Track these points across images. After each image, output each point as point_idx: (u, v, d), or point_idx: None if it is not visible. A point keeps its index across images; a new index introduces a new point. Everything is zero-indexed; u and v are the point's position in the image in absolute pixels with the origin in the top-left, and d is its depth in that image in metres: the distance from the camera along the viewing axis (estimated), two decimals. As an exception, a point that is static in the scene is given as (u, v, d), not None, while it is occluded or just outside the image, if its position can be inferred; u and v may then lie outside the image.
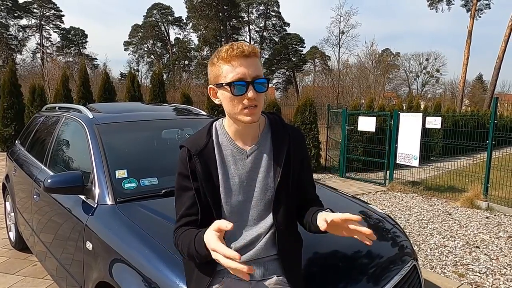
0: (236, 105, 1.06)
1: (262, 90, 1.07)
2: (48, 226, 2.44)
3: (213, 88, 1.11)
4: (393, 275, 1.62)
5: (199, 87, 23.12)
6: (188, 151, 1.13)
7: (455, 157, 7.92)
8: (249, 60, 1.04)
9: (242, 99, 1.05)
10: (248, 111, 1.05)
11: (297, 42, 42.05)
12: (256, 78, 1.05)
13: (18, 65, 28.89)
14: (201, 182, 1.11)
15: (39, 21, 39.21)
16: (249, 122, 1.07)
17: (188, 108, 3.25)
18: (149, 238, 1.55)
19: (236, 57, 1.03)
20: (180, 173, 1.15)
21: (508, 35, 22.06)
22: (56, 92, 8.81)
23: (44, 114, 3.43)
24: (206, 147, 1.13)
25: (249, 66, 1.04)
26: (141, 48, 44.27)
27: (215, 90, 1.11)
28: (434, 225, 4.35)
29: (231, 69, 1.04)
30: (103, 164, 1.99)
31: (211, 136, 1.16)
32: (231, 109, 1.07)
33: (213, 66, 1.08)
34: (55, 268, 2.32)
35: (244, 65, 1.04)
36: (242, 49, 1.03)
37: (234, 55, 1.03)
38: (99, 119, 2.38)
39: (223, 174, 1.13)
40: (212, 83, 1.11)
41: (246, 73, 1.04)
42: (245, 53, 1.03)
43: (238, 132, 1.14)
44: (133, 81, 9.00)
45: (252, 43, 40.63)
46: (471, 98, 38.73)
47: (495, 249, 3.63)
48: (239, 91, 1.04)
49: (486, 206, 5.19)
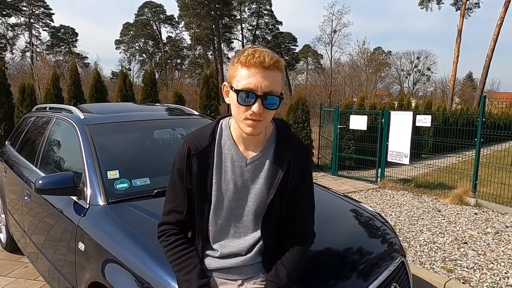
0: (241, 113, 1.01)
1: (271, 108, 1.01)
2: (39, 227, 2.43)
3: (226, 86, 1.07)
4: (381, 271, 1.66)
5: (192, 86, 23.05)
6: (188, 148, 1.11)
7: (445, 154, 8.04)
8: (267, 72, 0.98)
9: (247, 110, 1.00)
10: (251, 123, 1.01)
11: (290, 41, 42.17)
12: (269, 93, 0.98)
13: (7, 64, 28.42)
14: (194, 182, 1.11)
15: (28, 19, 38.61)
16: (249, 134, 1.04)
17: (180, 108, 3.25)
18: (142, 238, 1.56)
19: (254, 65, 0.97)
20: (177, 168, 1.13)
21: (497, 34, 22.38)
22: (47, 91, 8.70)
23: (34, 115, 3.40)
24: (207, 147, 1.11)
25: (265, 79, 0.97)
26: (132, 47, 43.93)
27: (227, 89, 1.07)
28: (424, 222, 4.43)
29: (245, 76, 0.98)
30: (95, 165, 2.00)
31: (215, 136, 1.13)
32: (235, 114, 1.04)
33: (232, 65, 1.04)
34: (47, 269, 2.32)
35: (260, 76, 0.97)
36: (263, 59, 0.97)
37: (252, 62, 0.97)
38: (91, 119, 2.37)
39: (218, 179, 1.11)
40: (227, 80, 1.07)
41: (259, 85, 0.97)
42: (264, 64, 0.97)
43: (242, 137, 1.11)
44: (125, 80, 8.93)
45: (244, 41, 40.64)
46: (461, 96, 39.24)
47: (482, 244, 3.71)
48: (244, 102, 0.99)
49: (475, 203, 5.29)
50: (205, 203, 1.12)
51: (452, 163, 7.62)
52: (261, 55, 0.97)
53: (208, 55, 40.97)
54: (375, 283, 1.58)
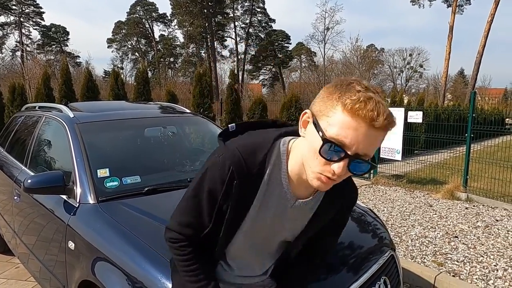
0: (317, 164, 0.80)
1: (356, 172, 0.80)
2: (29, 228, 2.41)
3: (309, 117, 0.84)
4: (371, 264, 1.69)
5: (185, 85, 22.94)
6: (232, 172, 0.89)
7: (437, 150, 8.13)
8: (372, 132, 0.75)
9: (326, 164, 0.79)
10: (325, 179, 0.81)
11: (283, 39, 42.13)
12: (361, 156, 0.78)
13: (-3, 64, 28.02)
14: (229, 204, 0.93)
15: (18, 18, 38.07)
16: (316, 189, 0.88)
17: (171, 106, 3.25)
18: (132, 236, 1.56)
19: (361, 118, 0.74)
20: (209, 188, 0.92)
21: (488, 31, 22.64)
22: (37, 91, 8.61)
23: (24, 114, 3.36)
24: (255, 177, 0.91)
25: (366, 138, 0.76)
26: (125, 45, 43.55)
27: (308, 120, 0.84)
28: (415, 217, 4.47)
29: (343, 125, 0.75)
30: (85, 163, 1.99)
31: (267, 163, 0.91)
32: (309, 160, 0.83)
33: (329, 96, 0.79)
34: (38, 269, 2.30)
35: (362, 134, 0.75)
36: (375, 116, 0.74)
37: (360, 114, 0.74)
38: (80, 118, 2.36)
39: (256, 213, 0.96)
40: (314, 111, 0.82)
41: (355, 144, 0.76)
42: (374, 123, 0.74)
43: (300, 179, 0.92)
44: (116, 79, 8.86)
45: (238, 39, 40.54)
46: (453, 92, 39.64)
47: (473, 238, 3.76)
48: (327, 155, 0.78)
49: (466, 197, 5.36)
50: (232, 228, 0.99)
51: (444, 159, 7.71)
52: (375, 110, 0.74)
53: (202, 54, 40.81)
54: (365, 276, 1.60)
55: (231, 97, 8.52)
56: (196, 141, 3.03)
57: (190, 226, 0.99)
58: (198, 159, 2.56)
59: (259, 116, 8.61)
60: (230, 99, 8.53)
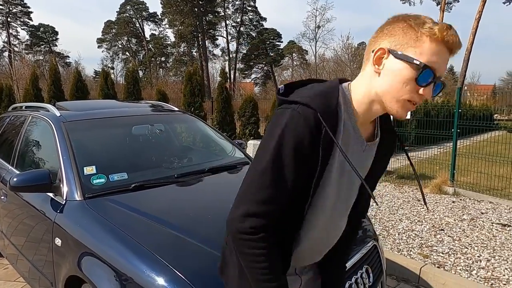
0: (406, 91, 0.84)
1: (436, 93, 0.88)
2: (17, 227, 2.41)
3: (386, 53, 0.84)
4: (354, 253, 1.73)
5: (176, 84, 22.84)
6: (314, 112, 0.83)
7: (427, 146, 8.24)
8: (448, 56, 0.84)
9: (416, 90, 0.83)
10: (409, 105, 0.86)
11: (274, 37, 42.19)
12: (441, 79, 0.86)
13: (-16, 65, 27.57)
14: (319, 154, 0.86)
15: (5, 18, 37.49)
16: (398, 118, 0.88)
17: (160, 104, 3.26)
18: (118, 231, 1.58)
19: (446, 44, 0.82)
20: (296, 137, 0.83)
21: (476, 28, 22.93)
22: (26, 91, 8.53)
23: (10, 114, 3.35)
24: (336, 112, 0.87)
25: (445, 62, 0.84)
26: (115, 45, 43.21)
27: (385, 56, 0.85)
28: (403, 211, 4.55)
29: (434, 51, 0.81)
30: (71, 161, 2.00)
31: (339, 102, 0.88)
32: (393, 90, 0.84)
33: (409, 29, 0.82)
34: (27, 269, 2.31)
35: (445, 58, 0.83)
36: (458, 41, 0.82)
37: (448, 41, 0.81)
38: (67, 116, 2.37)
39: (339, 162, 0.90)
40: (390, 46, 0.84)
41: (441, 68, 0.83)
42: (454, 47, 0.83)
43: (367, 115, 0.91)
44: (106, 79, 8.82)
45: (229, 38, 40.48)
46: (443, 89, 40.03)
47: (458, 230, 3.85)
48: (424, 80, 0.82)
49: (453, 191, 5.46)
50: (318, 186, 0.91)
51: (433, 154, 7.82)
52: (456, 35, 0.82)
53: (193, 53, 40.67)
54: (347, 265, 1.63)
55: (222, 96, 8.53)
56: (184, 138, 3.05)
57: (274, 201, 0.87)
58: (185, 156, 2.58)
59: (250, 114, 8.63)
60: (220, 98, 8.53)
